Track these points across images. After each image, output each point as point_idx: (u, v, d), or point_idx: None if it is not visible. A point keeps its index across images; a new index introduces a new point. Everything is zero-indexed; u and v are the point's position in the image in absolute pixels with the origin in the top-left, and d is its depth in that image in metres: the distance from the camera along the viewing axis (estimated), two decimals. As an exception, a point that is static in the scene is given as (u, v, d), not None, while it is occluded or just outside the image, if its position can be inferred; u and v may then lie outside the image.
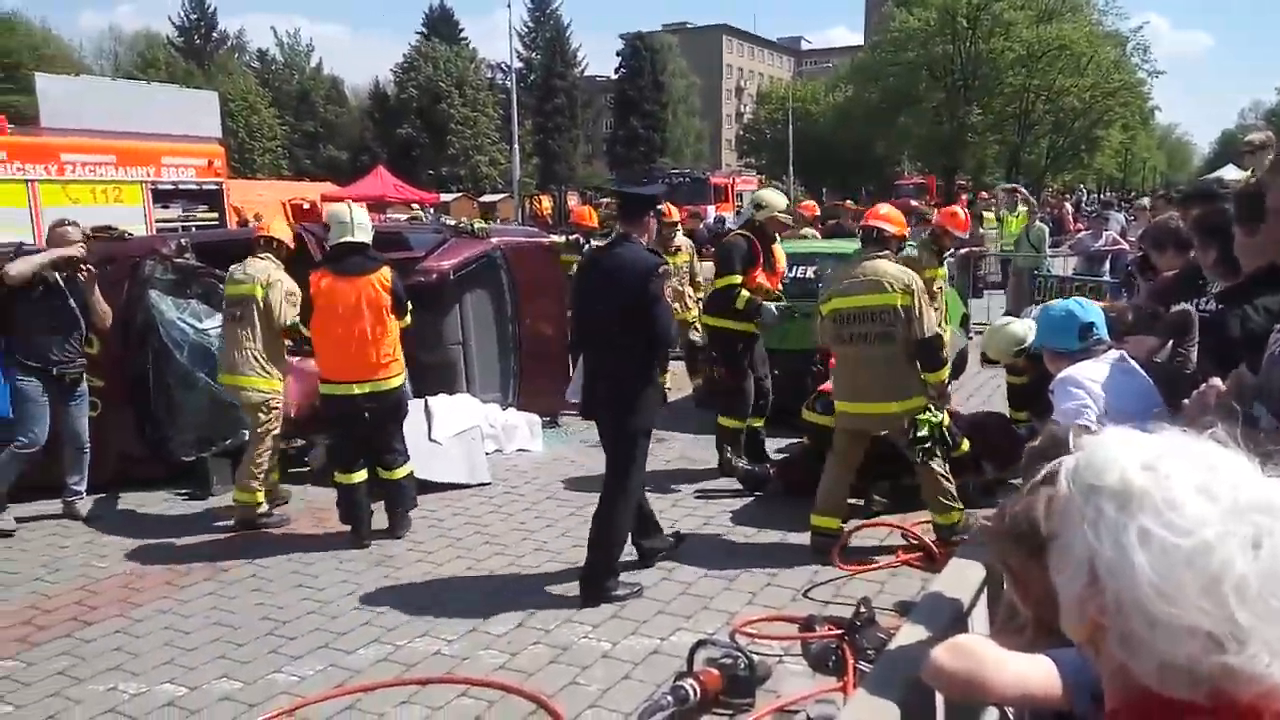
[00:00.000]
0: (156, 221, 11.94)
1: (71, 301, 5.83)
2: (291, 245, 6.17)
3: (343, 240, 5.46)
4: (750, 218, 6.88)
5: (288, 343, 5.98)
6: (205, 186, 13.08)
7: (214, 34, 58.51)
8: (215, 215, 12.94)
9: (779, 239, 7.02)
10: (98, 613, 4.63)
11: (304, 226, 7.14)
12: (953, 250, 9.52)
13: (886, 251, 5.17)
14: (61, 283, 5.80)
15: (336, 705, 3.69)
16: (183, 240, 6.87)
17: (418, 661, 4.04)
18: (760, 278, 6.47)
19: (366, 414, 5.45)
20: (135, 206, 11.88)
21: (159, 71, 45.99)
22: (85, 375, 6.01)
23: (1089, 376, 3.17)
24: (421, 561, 5.21)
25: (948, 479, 5.02)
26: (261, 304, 5.73)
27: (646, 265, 4.55)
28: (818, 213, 12.95)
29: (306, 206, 22.11)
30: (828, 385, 5.91)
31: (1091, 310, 3.55)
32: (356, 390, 5.39)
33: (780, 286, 6.92)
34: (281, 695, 3.77)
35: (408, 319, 5.62)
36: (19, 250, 6.01)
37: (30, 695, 3.83)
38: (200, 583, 4.98)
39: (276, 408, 5.86)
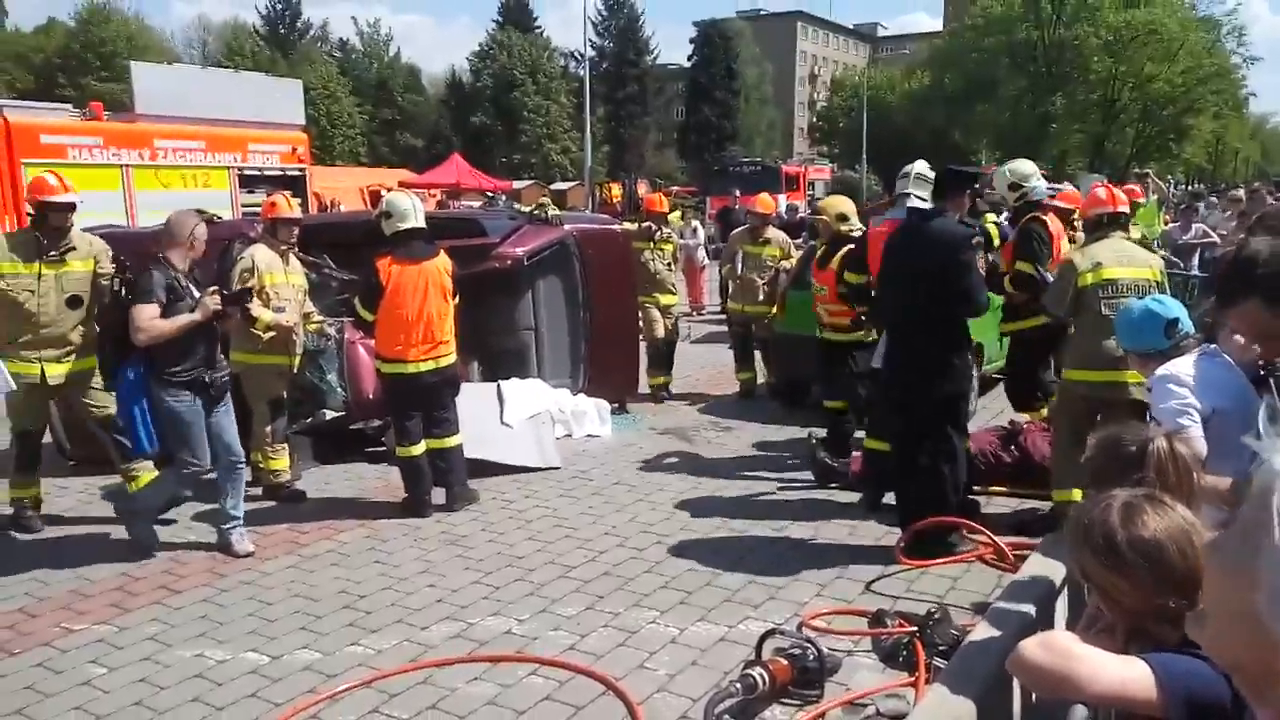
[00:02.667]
0: (242, 206, 12.32)
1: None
2: (291, 219, 6.12)
3: (408, 227, 5.67)
4: (1023, 196, 6.18)
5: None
6: (289, 172, 13.46)
7: (298, 24, 59.94)
8: (298, 201, 13.27)
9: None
10: (185, 582, 4.81)
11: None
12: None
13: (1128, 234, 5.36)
14: (196, 291, 5.08)
15: (411, 679, 3.78)
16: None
17: (489, 639, 4.12)
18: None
19: (427, 390, 5.71)
20: (223, 191, 12.29)
21: (245, 60, 47.24)
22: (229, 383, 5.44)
23: (1190, 373, 3.03)
24: (493, 542, 5.30)
25: None
26: None
27: (959, 235, 4.93)
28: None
29: (384, 194, 22.62)
30: None
31: (1173, 306, 3.41)
32: (424, 367, 5.66)
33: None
34: (359, 667, 3.89)
35: (457, 298, 5.92)
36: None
37: (123, 658, 4.00)
38: (281, 556, 5.14)
39: (252, 379, 5.94)
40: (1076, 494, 4.95)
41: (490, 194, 29.43)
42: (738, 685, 3.43)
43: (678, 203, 19.57)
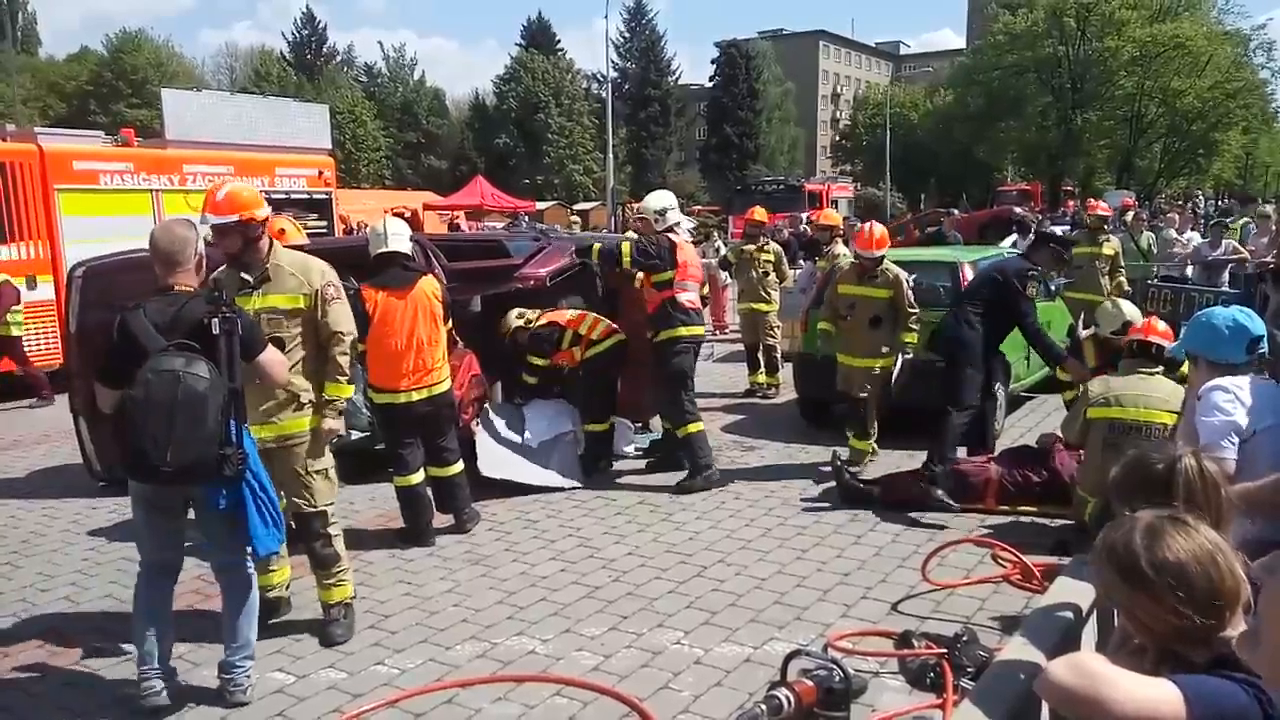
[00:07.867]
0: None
1: None
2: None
3: (380, 252, 5.62)
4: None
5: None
6: (315, 196, 13.62)
7: (324, 49, 60.86)
8: (324, 224, 13.45)
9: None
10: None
11: (413, 237, 7.33)
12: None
13: None
14: None
15: (435, 699, 3.79)
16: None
17: (513, 659, 4.12)
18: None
19: (421, 418, 5.60)
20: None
21: (272, 85, 48.08)
22: None
23: (1246, 392, 2.90)
24: (517, 562, 5.31)
25: None
26: None
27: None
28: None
29: (407, 215, 22.84)
30: None
31: (1260, 322, 3.19)
32: (415, 396, 5.55)
33: None
34: (384, 686, 3.90)
35: (450, 323, 5.83)
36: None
37: (152, 677, 4.03)
38: (308, 575, 5.14)
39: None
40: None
41: (514, 215, 29.65)
42: (762, 707, 3.40)
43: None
